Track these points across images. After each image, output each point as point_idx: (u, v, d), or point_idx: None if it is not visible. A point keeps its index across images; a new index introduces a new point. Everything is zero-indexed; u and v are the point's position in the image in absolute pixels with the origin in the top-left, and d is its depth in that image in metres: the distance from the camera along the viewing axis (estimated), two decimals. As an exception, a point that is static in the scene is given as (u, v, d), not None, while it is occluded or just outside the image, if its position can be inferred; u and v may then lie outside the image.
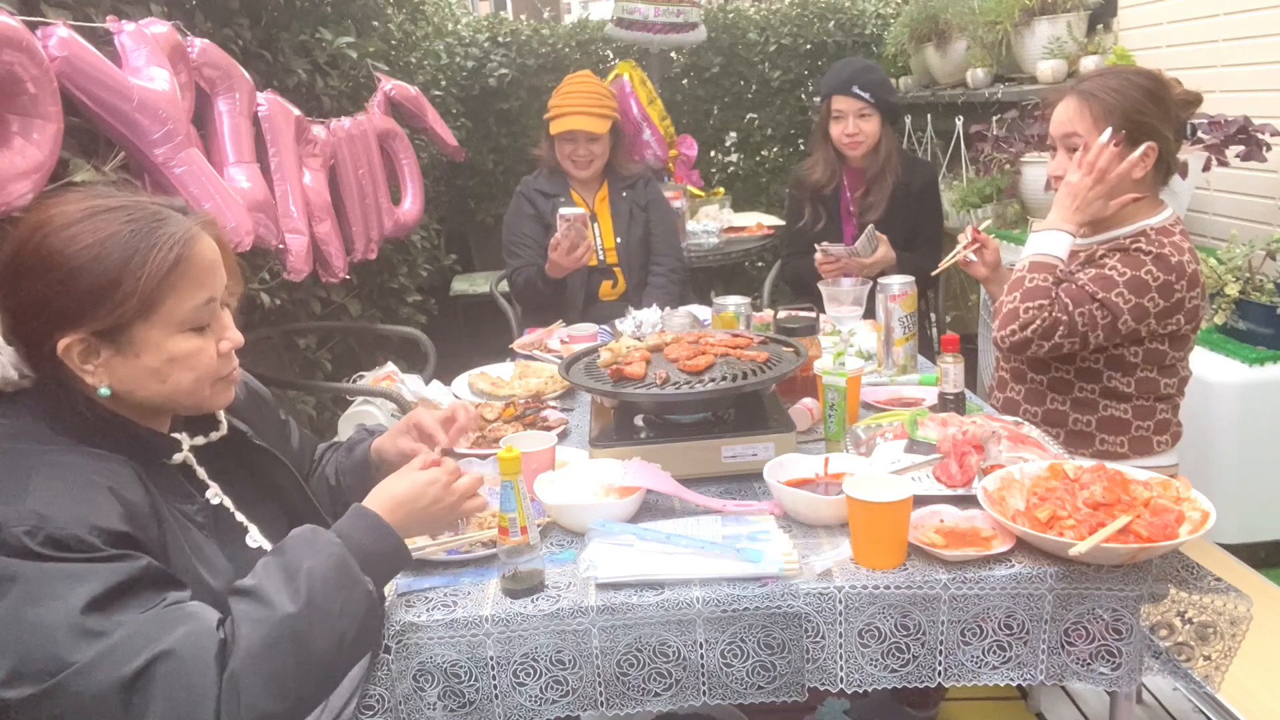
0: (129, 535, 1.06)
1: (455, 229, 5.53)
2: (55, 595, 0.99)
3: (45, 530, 1.01)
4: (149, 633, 1.01)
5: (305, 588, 1.09)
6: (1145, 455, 1.98)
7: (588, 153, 3.06)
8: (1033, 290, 1.84)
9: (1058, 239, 1.88)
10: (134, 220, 1.13)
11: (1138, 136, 1.85)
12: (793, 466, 1.53)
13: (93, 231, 1.11)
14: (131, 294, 1.10)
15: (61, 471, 1.08)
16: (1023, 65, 3.83)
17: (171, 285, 1.13)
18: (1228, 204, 3.17)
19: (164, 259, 1.12)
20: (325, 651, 1.08)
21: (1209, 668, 1.23)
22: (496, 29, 5.57)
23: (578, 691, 1.26)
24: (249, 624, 1.05)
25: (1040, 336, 1.82)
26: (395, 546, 1.22)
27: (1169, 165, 1.93)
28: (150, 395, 1.17)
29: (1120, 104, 1.85)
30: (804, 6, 5.65)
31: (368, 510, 1.23)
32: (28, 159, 1.54)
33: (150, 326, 1.13)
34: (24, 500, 1.03)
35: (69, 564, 1.01)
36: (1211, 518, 1.26)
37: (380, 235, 3.23)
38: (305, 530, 1.18)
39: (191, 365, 1.17)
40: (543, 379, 2.21)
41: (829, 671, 1.27)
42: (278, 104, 2.46)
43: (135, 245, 1.11)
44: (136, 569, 1.04)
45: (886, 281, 2.16)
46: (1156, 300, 1.82)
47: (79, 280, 1.09)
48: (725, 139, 5.80)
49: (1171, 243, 1.85)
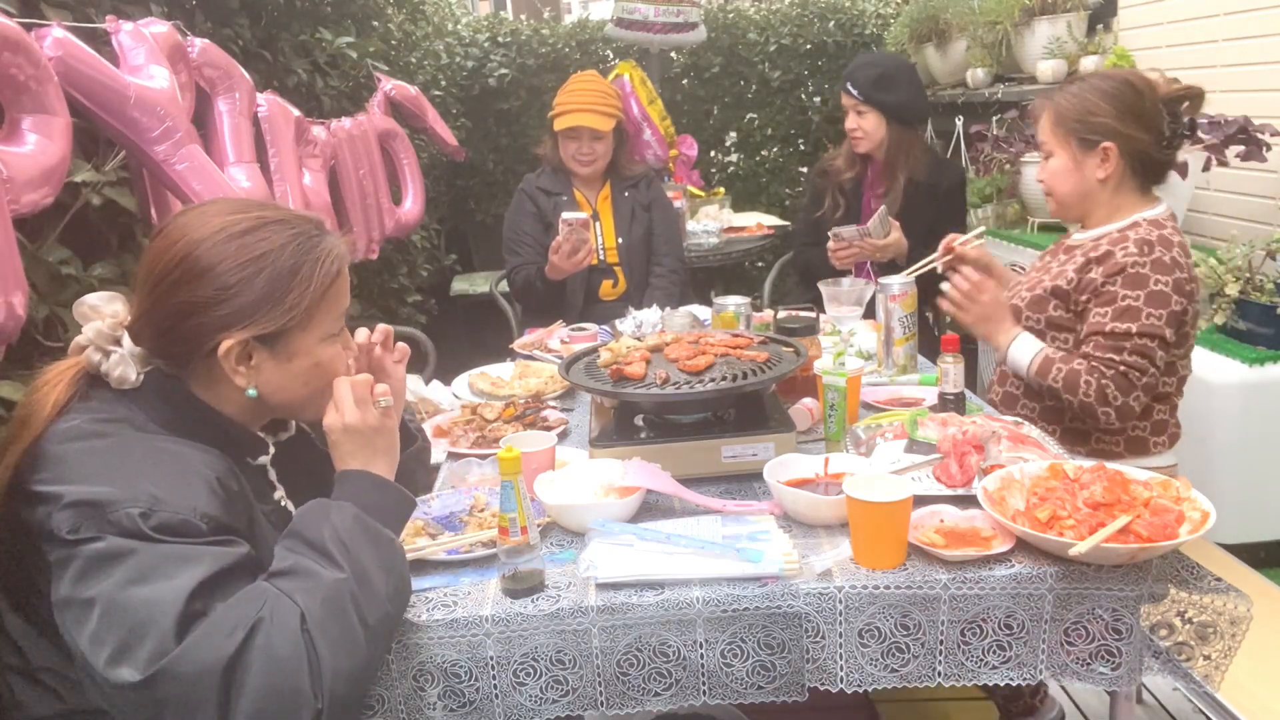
0: (231, 525, 1.11)
1: (455, 229, 5.53)
2: (165, 575, 1.02)
3: (158, 513, 1.05)
4: (242, 610, 1.04)
5: (339, 553, 1.12)
6: (1142, 455, 1.98)
7: (591, 150, 3.05)
8: (1065, 380, 1.88)
9: (1020, 345, 1.97)
10: (299, 234, 1.22)
11: (1093, 139, 1.93)
12: (793, 466, 1.53)
13: (265, 241, 1.19)
14: (299, 302, 1.20)
15: (171, 459, 1.12)
16: (1023, 65, 3.83)
17: (330, 297, 1.24)
18: (1228, 204, 3.17)
19: (328, 271, 1.23)
20: (378, 606, 1.12)
21: (1209, 667, 1.23)
22: (496, 29, 5.57)
23: (578, 691, 1.26)
24: (304, 594, 1.08)
25: (1122, 393, 1.85)
26: (394, 492, 1.26)
27: (1156, 163, 1.96)
28: (288, 398, 1.25)
29: (1074, 108, 1.94)
30: (804, 6, 5.65)
31: (350, 471, 1.25)
32: (49, 156, 1.54)
33: (306, 334, 1.23)
34: (138, 482, 1.06)
35: (179, 545, 1.04)
36: (1211, 518, 1.26)
37: (381, 235, 3.23)
38: (312, 505, 1.20)
39: (331, 371, 1.26)
40: (543, 379, 2.21)
41: (829, 671, 1.27)
42: (278, 104, 2.46)
43: (303, 257, 1.21)
44: (239, 555, 1.09)
45: (886, 281, 2.16)
46: (1181, 300, 1.86)
47: (251, 287, 1.17)
48: (725, 139, 5.80)
49: (1161, 236, 1.88)
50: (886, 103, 2.92)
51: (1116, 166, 1.94)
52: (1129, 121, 1.91)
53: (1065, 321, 1.99)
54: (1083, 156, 1.97)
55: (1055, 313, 1.99)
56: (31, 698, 1.13)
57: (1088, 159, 1.96)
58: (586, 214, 2.89)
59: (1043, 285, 2.02)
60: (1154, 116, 1.92)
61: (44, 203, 1.51)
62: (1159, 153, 1.95)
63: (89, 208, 1.71)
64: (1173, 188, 2.93)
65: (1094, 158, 1.95)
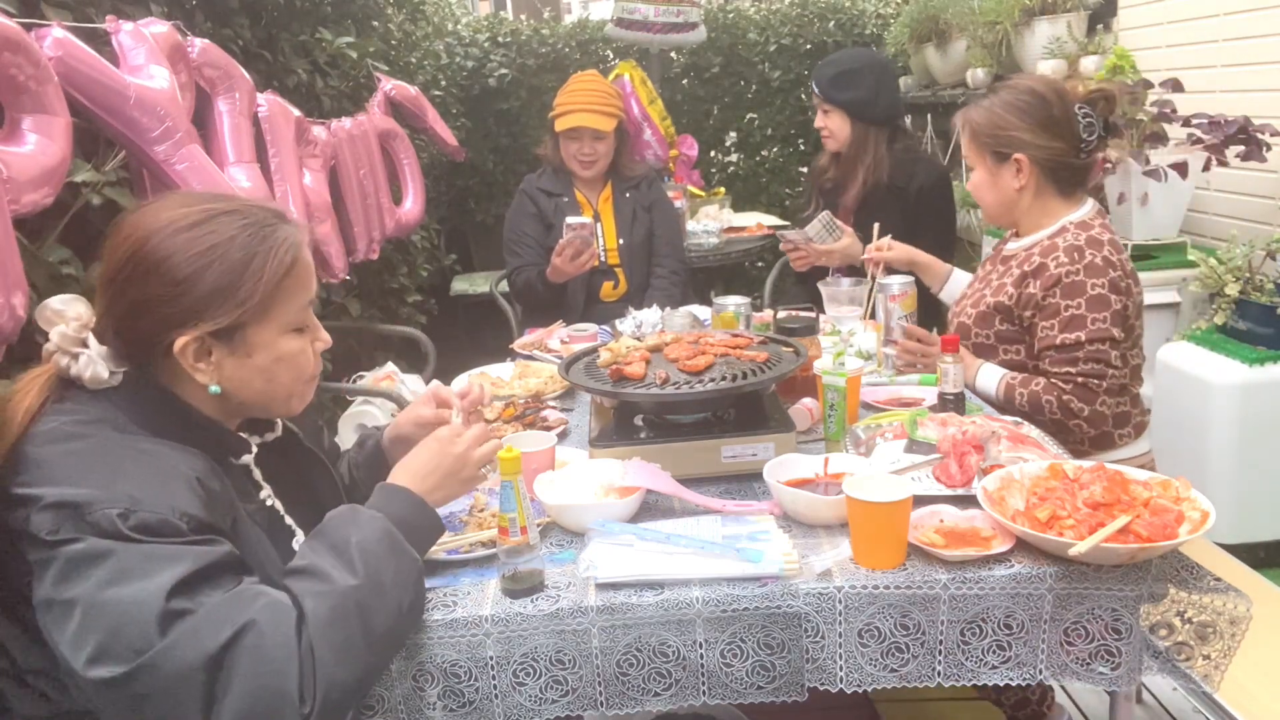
0: (212, 524, 1.09)
1: (455, 229, 5.53)
2: (145, 575, 1.02)
3: (137, 513, 1.04)
4: (231, 609, 1.03)
5: (359, 560, 1.12)
6: (1107, 450, 1.98)
7: (592, 151, 3.04)
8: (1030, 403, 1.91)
9: (983, 376, 2.00)
10: (250, 224, 1.18)
11: (1004, 152, 1.98)
12: (793, 466, 1.53)
13: (214, 234, 1.16)
14: (251, 295, 1.16)
15: (150, 459, 1.11)
16: (1023, 65, 3.83)
17: (286, 288, 1.20)
18: (1228, 204, 3.17)
19: (281, 262, 1.18)
20: (387, 619, 1.12)
21: (1208, 667, 1.23)
22: (496, 29, 5.57)
23: (577, 691, 1.26)
24: (312, 598, 1.08)
25: (1086, 402, 1.88)
26: (429, 517, 1.27)
27: (1073, 168, 1.98)
28: (254, 394, 1.22)
29: (986, 122, 2.00)
30: (804, 6, 5.65)
31: (396, 486, 1.27)
32: (50, 156, 1.54)
33: (263, 327, 1.19)
34: (116, 483, 1.06)
35: (159, 545, 1.04)
36: (1211, 517, 1.26)
37: (382, 235, 3.23)
38: (343, 509, 1.20)
39: (296, 364, 1.24)
40: (542, 379, 2.21)
41: (828, 671, 1.27)
42: (278, 104, 2.46)
43: (255, 249, 1.17)
44: (221, 553, 1.07)
45: (886, 282, 2.17)
46: (1120, 299, 1.88)
47: (201, 281, 1.14)
48: (725, 139, 5.80)
49: (1090, 238, 1.91)
50: (845, 100, 2.86)
51: (1031, 176, 1.98)
52: (1038, 132, 1.94)
53: (1013, 334, 2.02)
54: (997, 169, 2.01)
55: (1002, 326, 2.02)
56: (20, 700, 1.12)
57: (1003, 171, 2.00)
58: (590, 218, 2.89)
59: (985, 301, 2.05)
60: (1064, 124, 1.95)
61: (44, 203, 1.51)
62: (1075, 158, 1.97)
63: (89, 208, 1.71)
64: (1173, 188, 2.94)
65: (1008, 169, 1.99)
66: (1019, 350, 2.02)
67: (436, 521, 1.28)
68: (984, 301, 2.05)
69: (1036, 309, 1.93)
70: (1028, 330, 1.98)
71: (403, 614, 1.15)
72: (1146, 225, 3.07)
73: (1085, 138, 1.96)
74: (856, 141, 2.89)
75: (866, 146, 2.88)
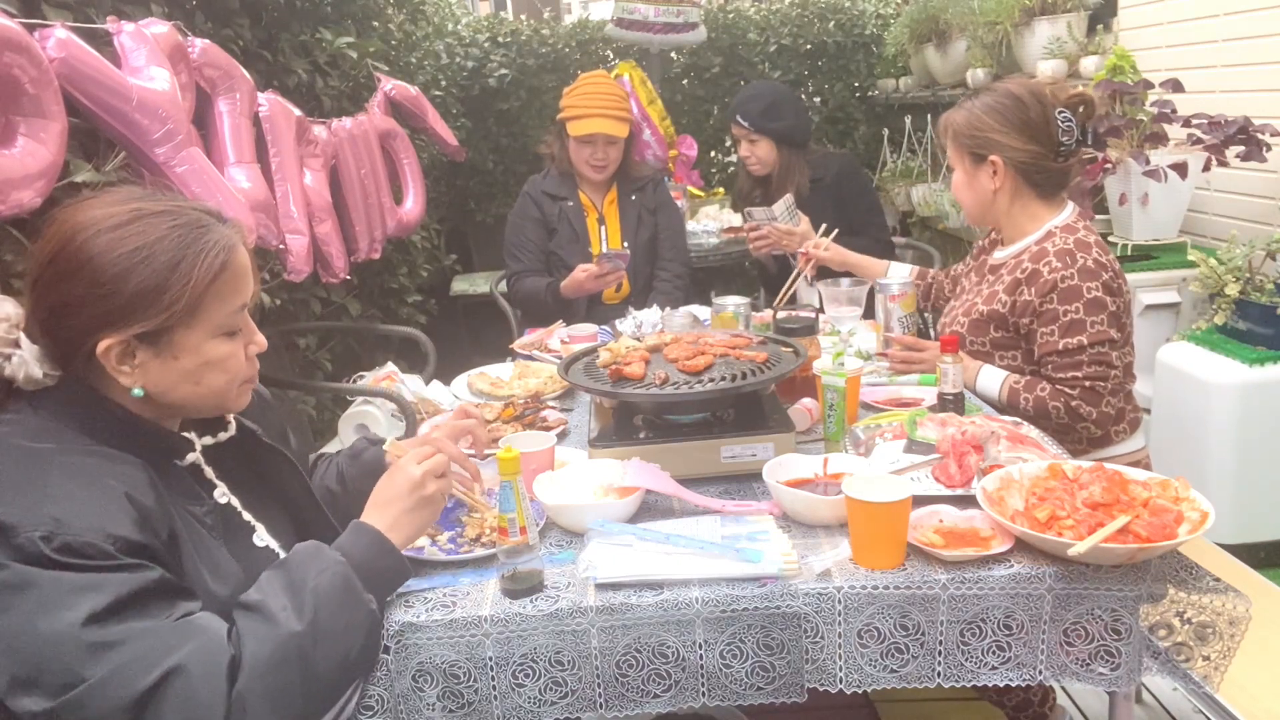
0: (144, 545, 1.06)
1: (455, 229, 5.53)
2: (66, 605, 0.99)
3: (62, 537, 1.01)
4: (160, 648, 1.01)
5: (311, 605, 1.10)
6: (1103, 447, 1.99)
7: (605, 156, 3.01)
8: (1035, 408, 1.91)
9: (985, 377, 2.00)
10: (179, 225, 1.14)
11: (980, 153, 2.00)
12: (792, 466, 1.54)
13: (140, 235, 1.12)
14: (178, 299, 1.12)
15: (78, 475, 1.08)
16: (1023, 65, 3.82)
17: (215, 291, 1.15)
18: (1228, 204, 3.16)
19: (210, 265, 1.14)
20: (329, 670, 1.10)
21: (1208, 668, 1.23)
22: (496, 29, 5.57)
23: (577, 693, 1.26)
24: (255, 640, 1.06)
25: (1093, 405, 1.89)
26: (396, 562, 1.24)
27: (1051, 172, 1.99)
28: (182, 397, 1.19)
29: (965, 124, 2.01)
30: (804, 6, 5.65)
31: (367, 526, 1.24)
32: (38, 160, 1.53)
33: (190, 331, 1.15)
34: (42, 505, 1.03)
35: (82, 573, 1.01)
36: (1210, 518, 1.26)
37: (383, 235, 3.23)
38: (309, 546, 1.18)
39: (225, 368, 1.20)
40: (542, 379, 2.21)
41: (828, 672, 1.27)
42: (278, 104, 2.46)
43: (183, 251, 1.13)
44: (148, 580, 1.04)
45: (886, 282, 2.17)
46: (1114, 300, 1.89)
47: (126, 283, 1.10)
48: (725, 139, 5.80)
49: (1078, 240, 1.93)
50: (775, 129, 3.12)
51: (1006, 178, 1.99)
52: (1013, 134, 1.96)
53: (1008, 341, 2.03)
54: (975, 170, 2.03)
55: (996, 333, 2.03)
56: None
57: (979, 172, 2.02)
58: (627, 251, 2.92)
59: (977, 310, 2.05)
60: (1040, 127, 1.95)
61: (30, 204, 1.51)
62: (1052, 162, 1.98)
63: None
64: (1173, 188, 2.94)
65: (985, 171, 2.01)
66: (1015, 356, 2.02)
67: (403, 566, 1.25)
68: (976, 310, 2.06)
69: (1034, 315, 1.94)
70: (1025, 337, 1.99)
71: (348, 664, 1.13)
72: (1146, 225, 3.07)
73: (1063, 141, 1.96)
74: (784, 165, 3.17)
75: (793, 166, 3.16)
